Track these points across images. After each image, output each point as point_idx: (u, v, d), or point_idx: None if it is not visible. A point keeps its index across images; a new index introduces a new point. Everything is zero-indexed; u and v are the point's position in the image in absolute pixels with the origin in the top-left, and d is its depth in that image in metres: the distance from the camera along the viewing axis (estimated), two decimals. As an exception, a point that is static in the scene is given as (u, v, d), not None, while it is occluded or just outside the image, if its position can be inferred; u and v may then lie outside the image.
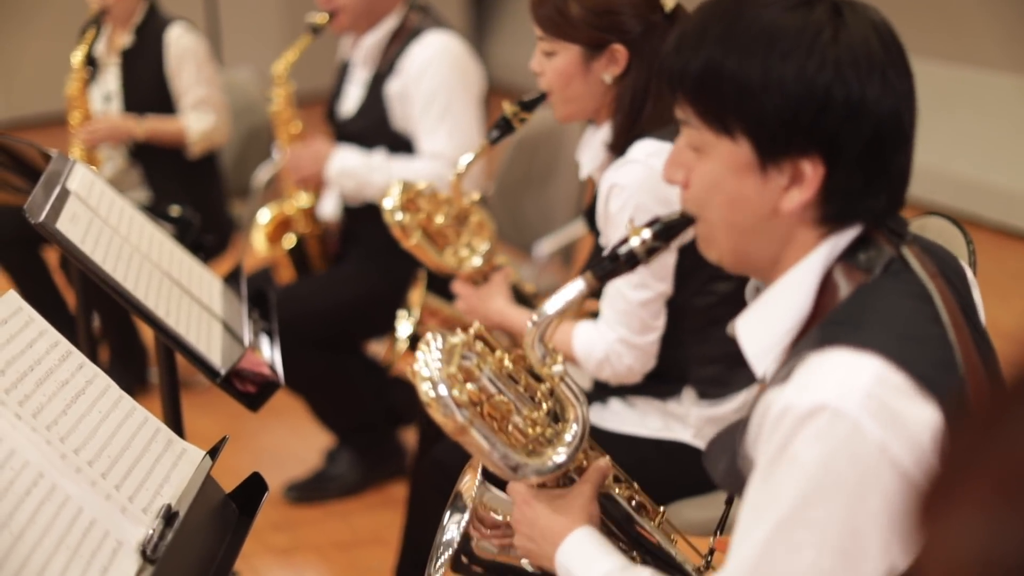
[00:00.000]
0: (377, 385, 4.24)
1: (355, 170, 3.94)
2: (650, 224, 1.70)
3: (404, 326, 3.13)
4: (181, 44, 4.75)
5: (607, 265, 1.71)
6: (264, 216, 4.34)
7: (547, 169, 4.35)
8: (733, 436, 1.61)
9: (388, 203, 2.91)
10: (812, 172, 1.54)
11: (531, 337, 1.76)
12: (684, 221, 1.68)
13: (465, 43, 4.02)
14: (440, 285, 3.15)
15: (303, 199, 4.25)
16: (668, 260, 2.62)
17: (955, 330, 1.51)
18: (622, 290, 2.64)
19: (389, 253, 3.70)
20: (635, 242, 1.70)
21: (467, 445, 1.74)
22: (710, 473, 1.70)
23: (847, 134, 1.52)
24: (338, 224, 4.29)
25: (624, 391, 2.78)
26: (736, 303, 2.66)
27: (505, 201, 4.45)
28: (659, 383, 2.74)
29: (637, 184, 2.54)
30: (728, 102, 1.55)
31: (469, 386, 1.75)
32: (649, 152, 2.56)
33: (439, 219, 2.95)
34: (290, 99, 4.18)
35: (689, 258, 2.61)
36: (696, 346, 2.70)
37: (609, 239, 2.64)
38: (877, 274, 1.56)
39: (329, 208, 4.32)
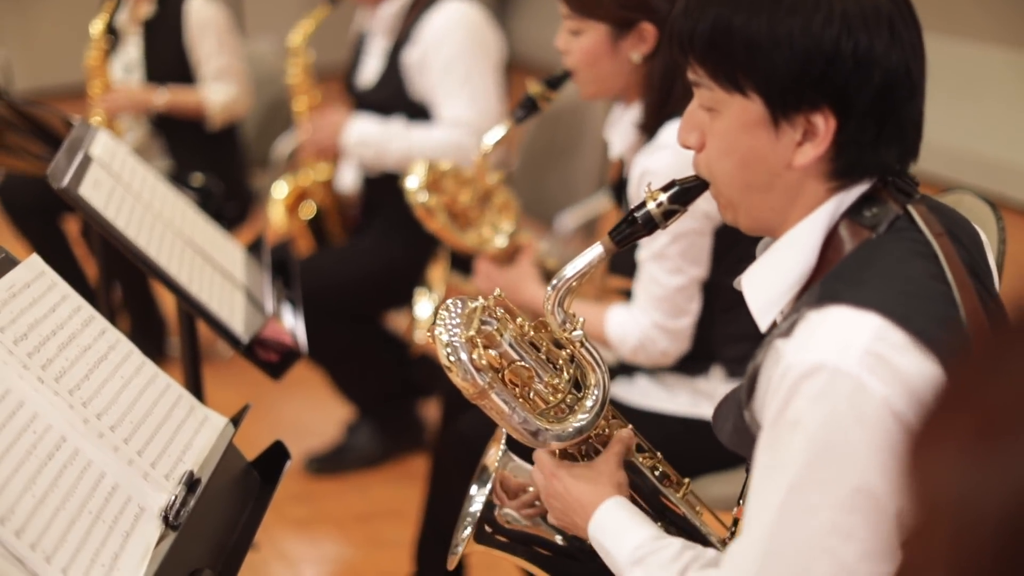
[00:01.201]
0: (397, 357, 4.24)
1: (373, 138, 3.93)
2: (666, 188, 1.71)
3: (425, 304, 3.11)
4: (202, 14, 4.75)
5: (624, 228, 1.72)
6: (282, 189, 4.34)
7: (570, 142, 4.34)
8: (739, 396, 1.61)
9: (412, 183, 2.89)
10: (824, 125, 1.55)
11: (551, 302, 1.75)
12: (700, 184, 1.69)
13: (483, 11, 4.01)
14: (463, 262, 3.14)
15: (321, 171, 4.24)
16: (703, 244, 2.61)
17: (960, 289, 1.51)
18: (656, 275, 2.63)
19: (409, 224, 3.69)
20: (651, 205, 1.71)
21: (487, 410, 1.74)
22: (717, 434, 1.70)
23: (857, 86, 1.53)
24: (357, 195, 4.28)
25: (653, 367, 2.77)
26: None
27: (527, 174, 4.43)
28: (688, 360, 2.73)
29: (670, 169, 2.52)
30: (738, 59, 1.56)
31: (490, 352, 1.75)
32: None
33: (463, 199, 2.93)
34: (308, 70, 4.17)
35: (723, 238, 2.60)
36: (726, 324, 2.69)
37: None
38: (881, 231, 1.57)
39: (348, 179, 4.31)
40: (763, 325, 1.63)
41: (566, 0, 2.66)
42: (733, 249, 2.61)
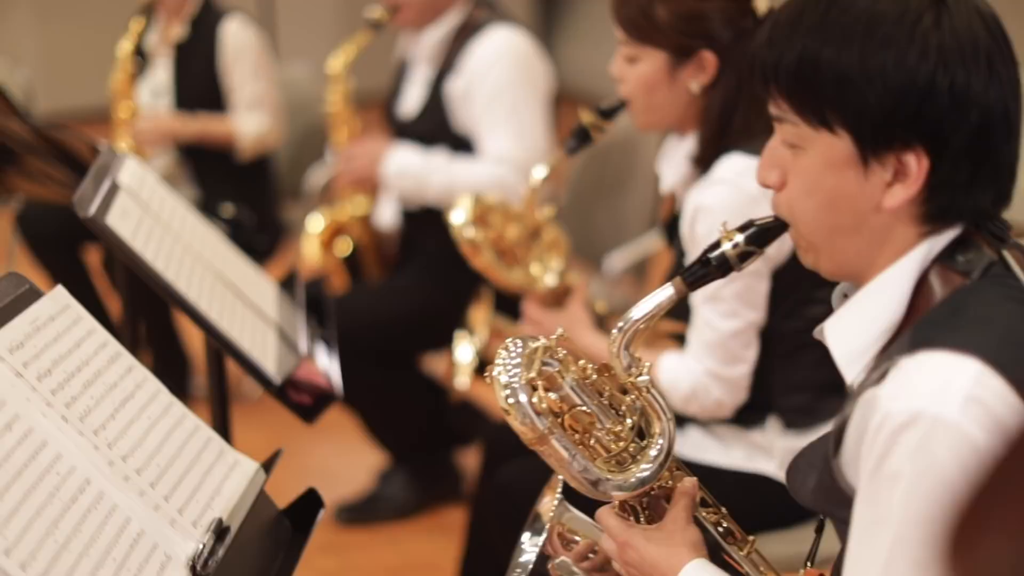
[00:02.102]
0: (435, 403, 4.24)
1: (413, 170, 3.95)
2: (743, 228, 1.71)
3: (466, 348, 3.11)
4: (238, 39, 4.78)
5: (697, 271, 1.72)
6: (317, 223, 4.35)
7: (620, 177, 4.34)
8: (822, 451, 1.60)
9: (458, 218, 2.90)
10: (916, 166, 1.54)
11: (616, 344, 1.75)
12: (779, 225, 1.68)
13: (532, 39, 4.03)
14: (508, 304, 3.13)
15: (359, 205, 4.25)
16: (760, 287, 2.61)
17: None
18: (710, 320, 2.63)
19: (450, 263, 3.70)
20: (727, 246, 1.70)
21: (545, 456, 1.74)
22: (795, 493, 1.70)
23: (952, 125, 1.53)
24: (396, 231, 4.29)
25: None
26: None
27: (575, 210, 4.44)
28: (743, 411, 2.72)
29: (726, 206, 2.53)
30: (826, 94, 1.56)
31: (550, 395, 1.75)
32: (738, 170, 2.55)
33: (511, 235, 2.93)
34: (347, 98, 4.19)
35: (782, 281, 2.60)
36: (784, 372, 2.68)
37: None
38: (975, 277, 1.56)
39: (387, 215, 4.32)
40: (849, 376, 1.62)
41: (623, 25, 2.68)
42: (792, 293, 2.61)
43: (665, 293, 1.73)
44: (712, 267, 1.72)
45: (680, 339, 2.78)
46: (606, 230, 4.37)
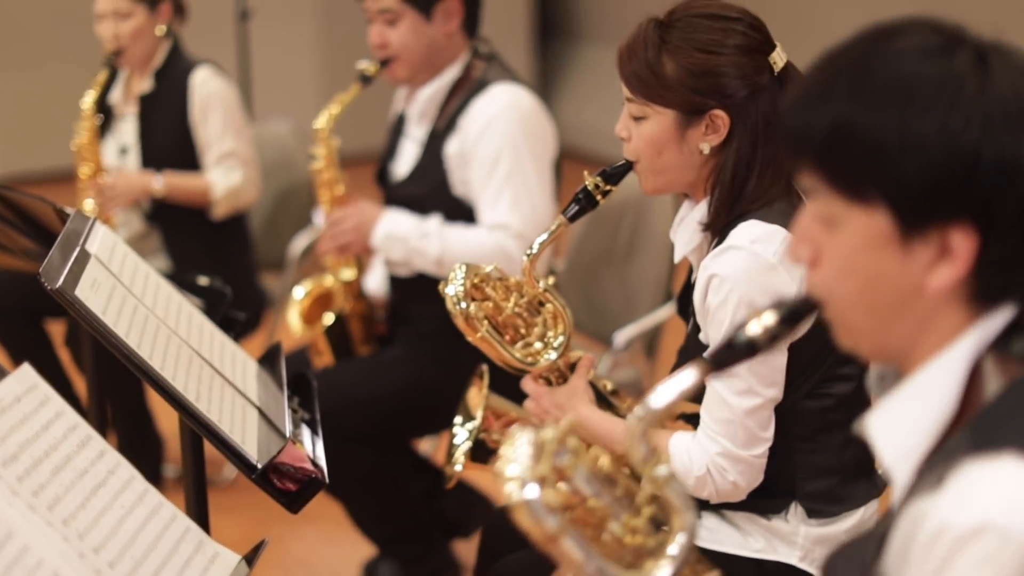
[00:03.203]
0: (427, 489, 4.22)
1: (404, 235, 3.94)
2: (774, 307, 1.70)
3: (462, 432, 3.10)
4: (207, 89, 4.80)
5: (723, 353, 1.71)
6: (299, 292, 4.34)
7: (631, 244, 4.35)
8: (864, 552, 1.58)
9: (451, 290, 2.89)
10: (963, 243, 1.51)
11: (634, 433, 1.75)
12: (811, 306, 1.67)
13: (536, 98, 4.02)
14: (504, 382, 3.12)
15: (345, 271, 4.23)
16: (778, 362, 2.60)
17: None
18: (725, 397, 2.62)
19: (444, 334, 3.69)
20: (755, 328, 1.69)
21: (557, 556, 1.73)
22: None
23: (1002, 198, 1.50)
24: (383, 299, 4.28)
25: (720, 505, 2.76)
26: (854, 406, 2.65)
27: (579, 280, 4.44)
28: (762, 497, 2.71)
29: (740, 275, 2.53)
30: (862, 165, 1.54)
31: (561, 487, 1.74)
32: (753, 237, 2.56)
33: (509, 308, 2.92)
34: (333, 158, 4.17)
35: (803, 357, 2.60)
36: (806, 456, 2.68)
37: (709, 336, 2.63)
38: None
39: (374, 280, 4.32)
40: (900, 479, 1.59)
41: (628, 81, 2.69)
42: (815, 370, 2.61)
43: (688, 378, 1.72)
44: (739, 349, 1.70)
45: (688, 418, 2.77)
46: (613, 301, 4.37)
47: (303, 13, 9.93)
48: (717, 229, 2.65)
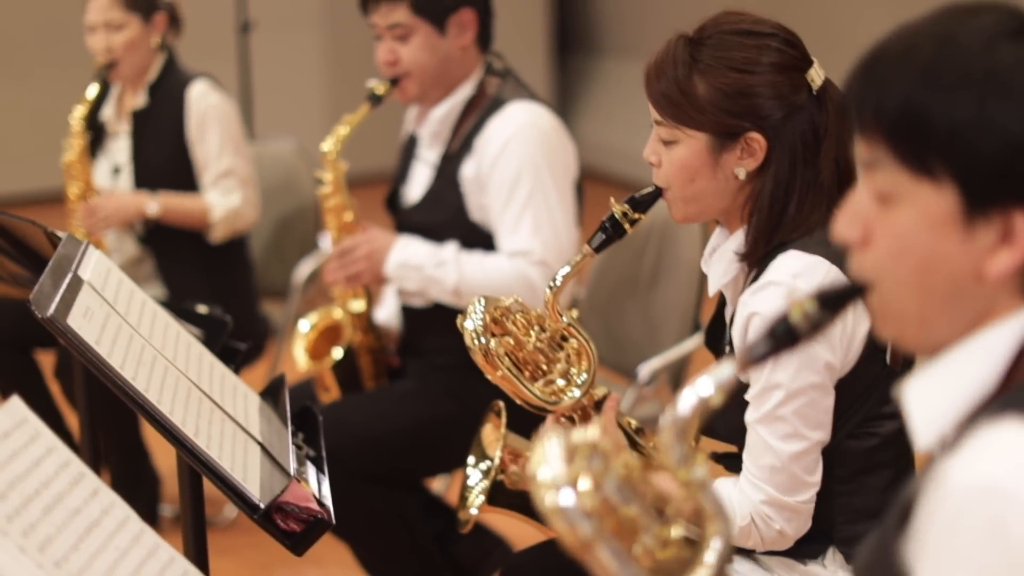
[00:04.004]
0: (440, 531, 4.20)
1: (419, 263, 3.93)
2: (819, 294, 1.68)
3: (475, 473, 3.08)
4: (204, 104, 4.81)
5: (762, 345, 1.69)
6: (306, 325, 4.31)
7: (653, 271, 4.34)
8: (886, 526, 1.58)
9: (469, 324, 2.87)
10: None
11: (669, 433, 1.74)
12: (855, 290, 1.67)
13: (556, 117, 4.02)
14: (520, 419, 3.10)
15: (354, 303, 4.20)
16: (825, 403, 2.60)
17: None
18: (769, 441, 2.61)
19: (459, 367, 3.68)
20: (796, 315, 1.68)
21: (592, 565, 1.72)
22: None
23: None
24: (395, 332, 4.27)
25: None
26: (900, 445, 2.64)
27: (600, 309, 4.43)
28: (799, 542, 2.70)
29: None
30: (934, 142, 1.55)
31: (595, 495, 1.74)
32: (795, 271, 2.55)
33: (530, 343, 2.91)
34: (341, 183, 4.13)
35: (847, 394, 2.60)
36: (847, 497, 2.67)
37: (749, 376, 2.62)
38: None
39: (385, 311, 4.30)
40: (922, 441, 1.60)
41: (657, 103, 2.68)
42: (860, 408, 2.60)
43: (726, 371, 1.72)
44: (779, 340, 1.68)
45: (725, 460, 2.76)
46: (638, 332, 4.36)
47: (308, 24, 9.94)
48: (755, 260, 2.65)
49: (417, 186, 4.12)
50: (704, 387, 1.73)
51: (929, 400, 1.61)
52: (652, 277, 4.35)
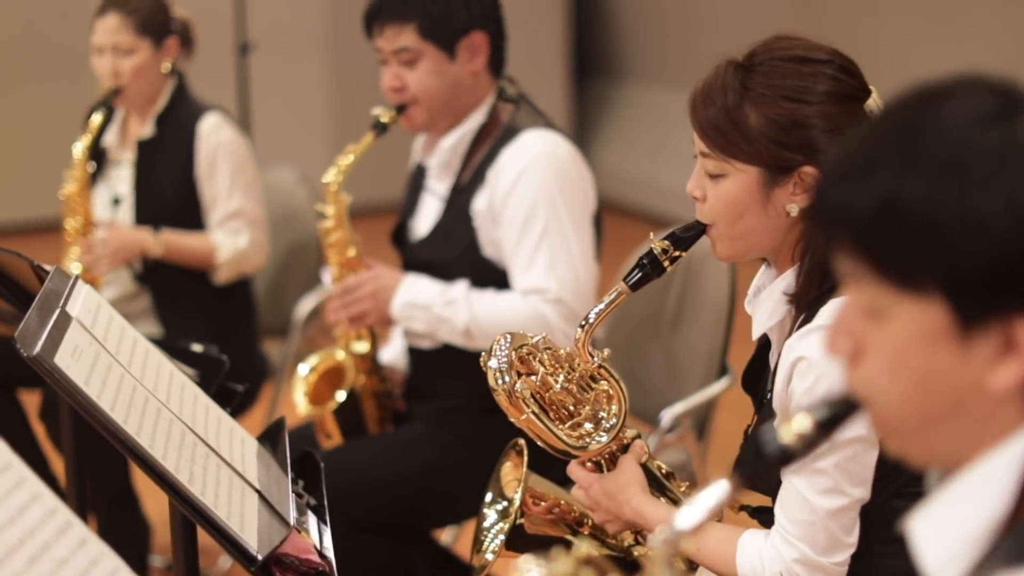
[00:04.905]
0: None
1: (427, 303, 3.91)
2: (809, 410, 1.67)
3: (492, 515, 3.07)
4: (216, 139, 4.80)
5: (753, 464, 1.71)
6: (306, 368, 4.29)
7: (678, 310, 4.33)
8: None
9: (493, 363, 2.86)
10: None
11: (660, 560, 1.74)
12: (851, 406, 1.65)
13: (574, 146, 4.01)
14: (539, 458, 3.09)
15: (358, 344, 4.18)
16: (868, 458, 2.58)
17: None
18: (806, 496, 2.59)
19: (470, 410, 3.67)
20: (787, 435, 1.68)
21: None
22: None
23: None
24: (400, 372, 4.26)
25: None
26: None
27: (621, 350, 4.41)
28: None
29: (831, 359, 2.51)
30: (914, 248, 1.50)
31: None
32: None
33: (558, 384, 2.90)
34: (344, 217, 4.10)
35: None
36: (887, 559, 2.64)
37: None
38: None
39: (390, 352, 4.29)
40: None
41: (704, 133, 2.66)
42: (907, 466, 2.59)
43: (717, 494, 1.74)
44: (771, 458, 1.69)
45: (759, 515, 2.75)
46: (661, 375, 4.34)
47: (310, 46, 9.96)
48: (806, 303, 2.64)
49: (425, 219, 4.12)
50: (691, 515, 1.73)
51: (938, 537, 1.57)
52: (676, 317, 4.34)
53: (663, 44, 9.95)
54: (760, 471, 1.70)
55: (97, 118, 4.77)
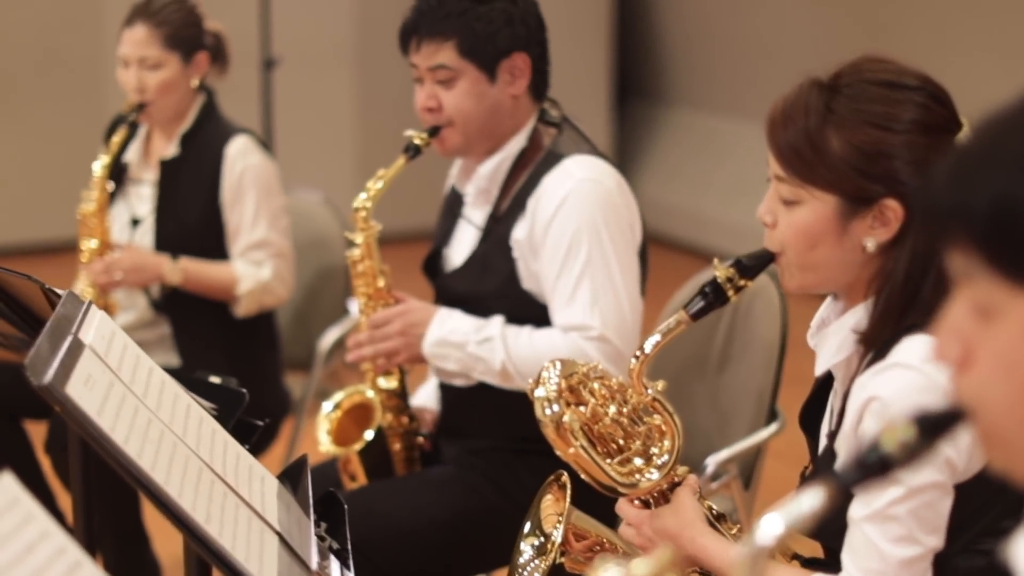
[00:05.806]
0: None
1: (461, 341, 3.89)
2: (916, 419, 1.66)
3: (529, 550, 3.05)
4: (243, 164, 4.81)
5: (853, 473, 1.68)
6: (329, 405, 4.27)
7: (725, 349, 4.31)
8: None
9: (541, 392, 2.85)
10: None
11: (742, 571, 1.73)
12: (957, 415, 1.64)
13: (619, 174, 3.99)
14: (585, 495, 3.07)
15: (385, 380, 4.15)
16: (943, 506, 2.57)
17: None
18: (878, 543, 2.57)
19: (501, 451, 3.65)
20: (890, 443, 1.67)
21: None
22: None
23: None
24: (432, 411, 4.23)
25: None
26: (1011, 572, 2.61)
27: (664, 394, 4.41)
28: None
29: (907, 400, 2.49)
30: None
31: None
32: (925, 356, 2.52)
33: (609, 417, 2.89)
34: (373, 246, 4.07)
35: (965, 502, 2.56)
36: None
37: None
38: None
39: (422, 394, 4.26)
40: None
41: (782, 156, 2.66)
42: (977, 520, 2.57)
43: (811, 501, 1.69)
44: (872, 468, 1.67)
45: (812, 565, 2.73)
46: (706, 419, 4.31)
47: (338, 62, 9.93)
48: (878, 341, 2.63)
49: (460, 249, 4.09)
50: (781, 521, 1.71)
51: None
52: (723, 357, 4.32)
53: (711, 68, 9.94)
54: (859, 480, 1.68)
55: (119, 134, 4.77)
